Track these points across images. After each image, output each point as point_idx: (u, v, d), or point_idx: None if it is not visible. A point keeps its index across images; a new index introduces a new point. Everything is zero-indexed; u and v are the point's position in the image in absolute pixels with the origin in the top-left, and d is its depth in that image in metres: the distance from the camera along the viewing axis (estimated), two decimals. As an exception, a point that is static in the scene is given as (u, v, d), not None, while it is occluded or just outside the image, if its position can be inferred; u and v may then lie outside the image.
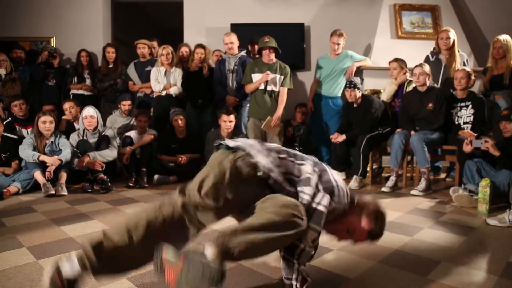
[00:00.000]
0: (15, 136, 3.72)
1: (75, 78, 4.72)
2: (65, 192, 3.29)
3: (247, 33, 4.64)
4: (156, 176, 3.82)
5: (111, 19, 5.56)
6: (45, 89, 4.68)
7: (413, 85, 3.95)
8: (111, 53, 4.70)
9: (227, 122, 3.80)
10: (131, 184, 3.63)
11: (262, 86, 3.97)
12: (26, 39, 5.35)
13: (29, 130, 3.91)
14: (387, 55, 4.30)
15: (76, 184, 3.65)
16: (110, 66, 4.74)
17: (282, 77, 4.01)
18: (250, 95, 4.12)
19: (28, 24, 5.31)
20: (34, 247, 2.01)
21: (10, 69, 4.46)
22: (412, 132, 3.57)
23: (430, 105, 3.57)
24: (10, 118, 4.02)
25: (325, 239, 2.14)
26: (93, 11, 5.35)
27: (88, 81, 4.76)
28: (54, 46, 5.21)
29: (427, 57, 4.07)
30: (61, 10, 5.32)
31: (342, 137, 3.93)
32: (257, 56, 4.21)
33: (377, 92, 4.51)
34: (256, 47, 4.20)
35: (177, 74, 4.32)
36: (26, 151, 3.38)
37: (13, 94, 4.29)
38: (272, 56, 3.97)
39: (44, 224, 2.46)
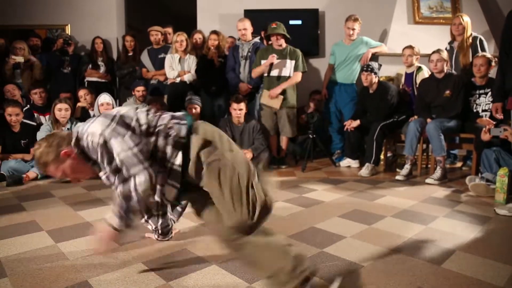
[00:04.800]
0: (34, 123, 3.80)
1: (90, 66, 4.77)
2: (81, 178, 3.37)
3: (261, 19, 4.59)
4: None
5: (124, 6, 5.56)
6: (60, 77, 4.73)
7: (424, 72, 3.87)
8: (130, 42, 4.73)
9: (237, 110, 3.79)
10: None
11: (275, 73, 3.93)
12: (41, 27, 5.41)
13: (47, 117, 3.99)
14: (403, 41, 4.19)
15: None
16: (130, 54, 4.77)
17: (294, 61, 3.96)
18: (263, 82, 4.09)
19: (43, 12, 5.36)
20: (53, 230, 2.07)
21: (28, 57, 4.53)
22: (429, 120, 3.50)
23: (448, 92, 3.50)
24: (28, 106, 4.10)
25: (339, 227, 2.15)
26: (107, -2, 5.36)
27: (102, 69, 4.79)
28: (69, 34, 5.25)
29: (446, 48, 3.98)
30: (76, -3, 5.35)
31: (356, 123, 3.89)
32: (270, 42, 4.16)
33: (392, 79, 4.43)
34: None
35: (191, 61, 4.32)
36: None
37: (31, 81, 4.37)
38: (281, 42, 3.92)
39: (62, 209, 2.53)
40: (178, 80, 4.29)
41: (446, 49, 3.92)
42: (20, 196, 2.82)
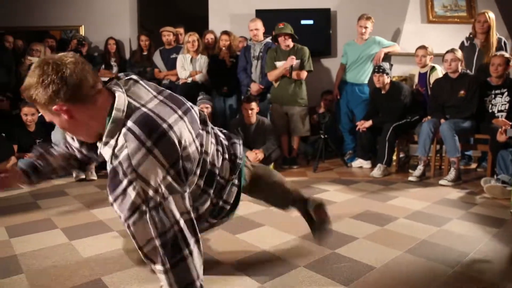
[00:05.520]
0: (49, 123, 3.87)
1: (103, 66, 4.83)
2: (94, 177, 3.42)
3: (272, 19, 4.58)
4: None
5: (137, 7, 5.62)
6: (74, 77, 4.81)
7: (438, 72, 3.82)
8: (145, 41, 4.77)
9: (248, 110, 3.80)
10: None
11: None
12: (56, 28, 5.51)
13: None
14: (417, 41, 4.14)
15: (105, 169, 3.76)
16: (145, 53, 4.81)
17: (299, 60, 3.95)
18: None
19: (58, 13, 5.46)
20: (67, 228, 2.10)
21: (43, 58, 4.62)
22: (442, 120, 3.45)
23: (462, 92, 3.44)
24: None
25: (351, 228, 2.13)
26: (120, -1, 5.43)
27: (115, 69, 4.85)
28: (83, 34, 5.33)
29: (462, 42, 3.90)
30: (89, -2, 5.44)
31: (368, 123, 3.86)
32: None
33: (405, 79, 4.38)
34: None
35: (202, 61, 4.34)
36: (57, 136, 3.51)
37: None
38: (288, 42, 3.91)
39: (75, 207, 2.57)
40: (189, 80, 4.32)
41: (463, 44, 3.86)
42: (35, 195, 2.87)
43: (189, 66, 4.33)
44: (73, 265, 1.64)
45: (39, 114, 3.68)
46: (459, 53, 3.47)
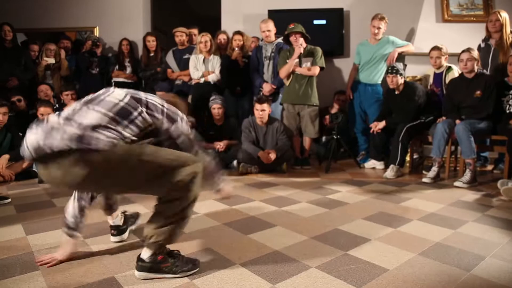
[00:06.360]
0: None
1: (117, 66, 4.89)
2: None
3: (285, 19, 4.58)
4: (193, 162, 3.89)
5: (150, 8, 5.68)
6: (89, 77, 4.89)
7: (454, 72, 3.76)
8: (152, 42, 4.79)
9: (259, 110, 3.80)
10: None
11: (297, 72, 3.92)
12: (72, 30, 5.61)
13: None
14: (431, 40, 4.09)
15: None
16: (151, 54, 4.85)
17: (311, 58, 3.93)
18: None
19: (73, 15, 5.56)
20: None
21: (58, 59, 4.71)
22: (458, 121, 3.40)
23: (478, 92, 3.38)
24: (57, 105, 4.26)
25: (364, 230, 2.11)
26: (134, 1, 5.49)
27: (128, 69, 4.91)
28: (98, 36, 5.41)
29: (479, 45, 3.84)
30: (104, 0, 5.51)
31: (382, 124, 3.82)
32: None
33: (419, 80, 4.33)
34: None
35: (215, 62, 4.36)
36: None
37: (61, 82, 4.54)
38: (300, 40, 3.89)
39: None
40: (202, 80, 4.34)
41: (480, 46, 3.80)
42: (51, 193, 2.92)
43: (202, 67, 4.35)
44: (87, 263, 1.67)
45: (55, 114, 3.76)
46: (475, 53, 3.41)
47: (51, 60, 4.63)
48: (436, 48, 3.82)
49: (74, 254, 1.71)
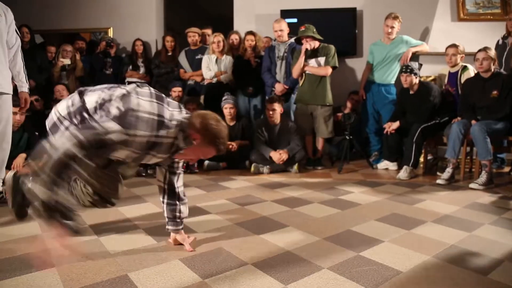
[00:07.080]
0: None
1: (130, 67, 4.94)
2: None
3: (297, 19, 4.57)
4: (206, 162, 3.92)
5: (163, 8, 5.73)
6: (103, 78, 4.94)
7: (470, 71, 3.69)
8: (170, 42, 4.84)
9: (270, 110, 3.80)
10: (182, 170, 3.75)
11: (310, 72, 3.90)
12: (86, 31, 5.70)
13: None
14: (447, 40, 4.01)
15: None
16: (169, 54, 4.88)
17: (324, 57, 3.91)
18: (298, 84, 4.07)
19: (88, 16, 5.65)
20: (96, 225, 2.16)
21: (74, 60, 4.79)
22: (473, 122, 3.33)
23: (495, 92, 3.31)
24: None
25: (376, 231, 2.09)
26: (146, 1, 5.56)
27: (142, 70, 4.96)
28: (111, 36, 5.48)
29: (497, 41, 3.76)
30: (117, 2, 5.59)
31: (396, 124, 3.77)
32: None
33: (434, 79, 4.26)
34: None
35: (227, 62, 4.37)
36: None
37: (76, 82, 4.62)
38: (314, 43, 3.87)
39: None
40: (214, 80, 4.36)
41: (498, 43, 3.72)
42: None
43: (214, 67, 4.37)
44: (101, 261, 1.68)
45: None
46: (492, 52, 3.34)
47: (67, 61, 4.71)
48: (453, 45, 3.76)
49: (88, 252, 1.73)
